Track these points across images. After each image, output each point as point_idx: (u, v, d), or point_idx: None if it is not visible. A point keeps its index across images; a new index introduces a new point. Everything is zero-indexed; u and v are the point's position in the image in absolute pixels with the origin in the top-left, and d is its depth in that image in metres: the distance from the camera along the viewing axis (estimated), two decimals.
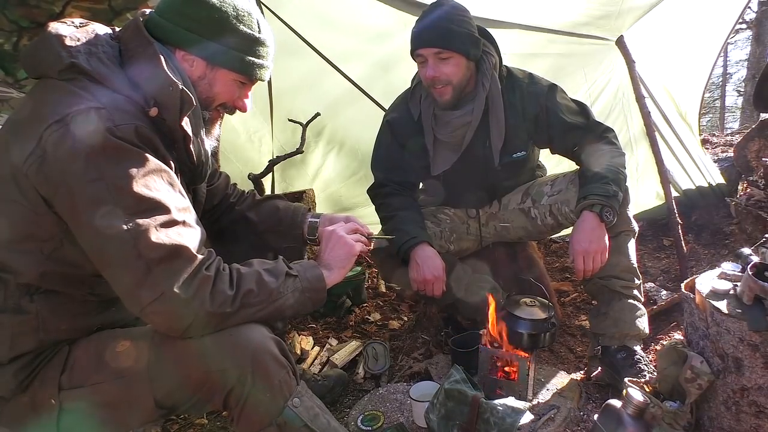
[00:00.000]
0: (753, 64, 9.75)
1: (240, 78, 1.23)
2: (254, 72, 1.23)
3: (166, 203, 1.03)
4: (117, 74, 1.08)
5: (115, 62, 1.10)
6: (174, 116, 1.10)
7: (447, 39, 1.73)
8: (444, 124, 1.91)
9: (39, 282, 1.09)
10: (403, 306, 2.78)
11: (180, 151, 1.17)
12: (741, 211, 2.86)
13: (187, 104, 1.10)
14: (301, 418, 1.15)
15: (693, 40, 3.06)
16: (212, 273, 1.05)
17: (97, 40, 1.11)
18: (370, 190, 2.13)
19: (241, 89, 1.26)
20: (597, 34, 2.54)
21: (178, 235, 1.03)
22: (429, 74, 1.77)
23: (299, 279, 1.19)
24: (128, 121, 1.03)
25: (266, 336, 1.16)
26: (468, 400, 1.45)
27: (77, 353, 1.13)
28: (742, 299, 1.34)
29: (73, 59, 1.04)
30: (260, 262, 1.18)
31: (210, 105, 1.25)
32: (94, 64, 1.06)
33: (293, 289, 1.17)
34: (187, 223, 1.07)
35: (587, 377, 1.91)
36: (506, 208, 2.11)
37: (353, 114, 3.24)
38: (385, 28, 2.72)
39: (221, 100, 1.25)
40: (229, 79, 1.22)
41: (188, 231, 1.06)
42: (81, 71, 1.05)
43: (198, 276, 1.03)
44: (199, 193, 1.40)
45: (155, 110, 1.07)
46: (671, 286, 2.54)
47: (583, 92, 2.81)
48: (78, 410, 1.10)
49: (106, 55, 1.10)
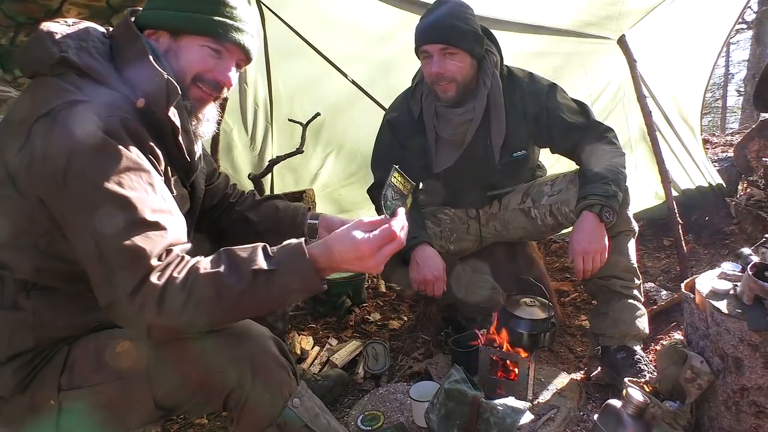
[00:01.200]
0: (753, 64, 9.75)
1: (207, 42, 1.16)
2: (220, 31, 1.16)
3: (138, 204, 0.99)
4: (106, 68, 1.08)
5: (105, 57, 1.10)
6: (161, 107, 1.08)
7: (453, 35, 1.74)
8: (446, 122, 1.91)
9: (35, 278, 1.09)
10: (403, 306, 2.78)
11: (170, 145, 1.15)
12: (741, 211, 2.86)
13: (173, 94, 1.08)
14: (301, 418, 1.15)
15: (694, 40, 3.06)
16: (162, 282, 0.96)
17: (88, 36, 1.11)
18: (370, 190, 2.13)
19: (217, 59, 1.18)
20: (598, 34, 2.54)
21: (143, 239, 0.97)
22: (434, 70, 1.77)
23: (278, 272, 1.01)
24: (114, 113, 1.01)
25: (266, 336, 1.15)
26: (468, 400, 1.45)
27: (77, 353, 1.13)
28: (742, 299, 1.34)
29: (63, 53, 1.04)
30: (230, 256, 1.03)
31: (184, 80, 1.16)
32: (84, 58, 1.06)
33: (267, 287, 1.00)
34: (159, 225, 1.01)
35: (587, 377, 1.91)
36: (506, 208, 2.11)
37: (353, 116, 3.25)
38: (385, 30, 2.73)
39: (193, 71, 1.17)
40: (195, 46, 1.16)
41: (157, 234, 1.00)
42: (71, 65, 1.05)
43: (145, 286, 0.96)
44: (197, 187, 1.38)
45: (142, 101, 1.06)
46: (671, 286, 2.54)
47: (583, 92, 2.81)
48: (77, 411, 1.09)
49: (96, 50, 1.09)
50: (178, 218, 1.09)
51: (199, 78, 1.18)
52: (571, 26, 2.53)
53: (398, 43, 2.71)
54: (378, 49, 2.90)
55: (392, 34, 2.72)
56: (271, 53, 3.11)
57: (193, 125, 1.22)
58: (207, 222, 1.56)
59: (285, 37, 2.92)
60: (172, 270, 0.98)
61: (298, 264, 1.03)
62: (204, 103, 1.22)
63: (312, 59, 2.95)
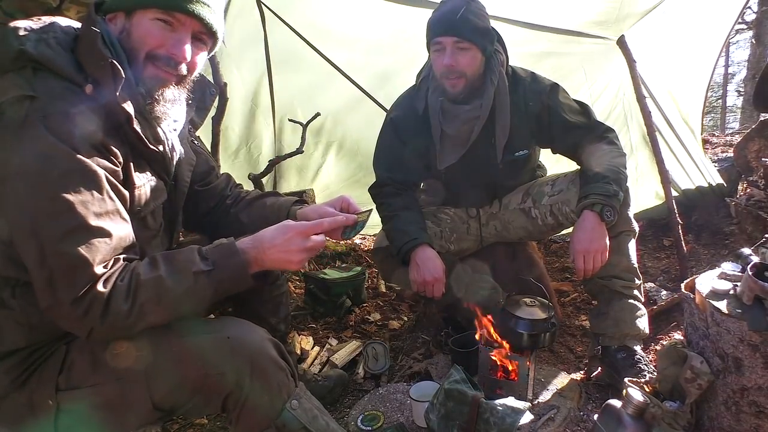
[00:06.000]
0: (753, 65, 9.75)
1: (157, 14, 1.10)
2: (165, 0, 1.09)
3: (81, 209, 0.97)
4: (61, 57, 1.05)
5: (64, 46, 1.07)
6: (110, 93, 1.04)
7: (467, 30, 1.74)
8: (452, 118, 1.90)
9: (14, 273, 1.07)
10: (403, 306, 2.78)
11: (127, 134, 1.10)
12: (741, 211, 2.86)
13: (118, 77, 1.04)
14: (300, 420, 1.15)
15: (694, 40, 3.06)
16: (108, 289, 0.99)
17: (51, 28, 1.09)
18: (372, 188, 2.13)
19: (169, 32, 1.12)
20: (598, 34, 2.54)
21: (86, 246, 0.97)
22: (446, 62, 1.77)
23: (215, 272, 1.07)
24: (62, 108, 0.99)
25: (265, 339, 1.15)
26: (468, 400, 1.45)
27: (75, 354, 1.12)
28: (742, 299, 1.34)
29: (22, 46, 1.02)
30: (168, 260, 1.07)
31: (137, 59, 1.11)
32: (40, 49, 1.04)
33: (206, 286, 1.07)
34: (103, 229, 1.00)
35: (587, 377, 1.91)
36: (507, 207, 2.10)
37: (354, 118, 3.26)
38: (383, 41, 2.77)
39: (144, 47, 1.11)
40: (145, 20, 1.10)
41: (101, 241, 1.00)
42: (29, 58, 1.03)
43: (90, 294, 0.98)
44: (180, 178, 1.34)
45: (90, 87, 1.03)
46: (671, 286, 2.54)
47: (583, 92, 2.81)
48: (75, 411, 1.09)
49: (56, 40, 1.07)
50: (124, 218, 1.07)
51: (151, 55, 1.12)
52: (571, 26, 2.53)
53: (396, 54, 2.75)
54: (376, 58, 2.92)
55: (390, 44, 2.76)
56: (273, 62, 3.13)
57: (153, 110, 1.14)
58: (207, 226, 1.53)
59: (286, 46, 2.94)
60: (117, 277, 1.01)
61: (230, 261, 1.10)
62: (162, 83, 1.14)
63: (312, 66, 2.97)
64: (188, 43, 1.14)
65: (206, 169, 1.51)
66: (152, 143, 1.16)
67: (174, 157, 1.27)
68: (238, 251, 1.11)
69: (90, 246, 0.98)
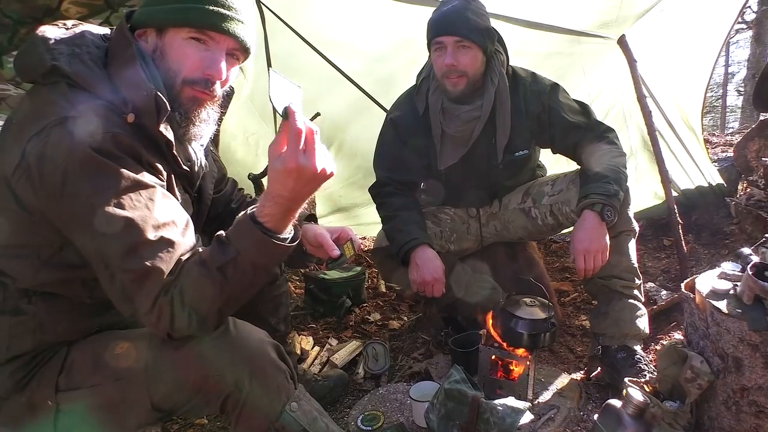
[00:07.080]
0: (753, 64, 9.73)
1: (191, 33, 1.08)
2: (202, 19, 1.07)
3: (140, 222, 0.98)
4: (98, 77, 1.04)
5: (98, 64, 1.06)
6: (152, 122, 1.05)
7: (469, 29, 1.74)
8: (453, 118, 1.90)
9: (37, 286, 1.08)
10: (403, 306, 2.78)
11: (166, 157, 1.12)
12: (741, 211, 2.86)
13: (162, 110, 1.04)
14: (299, 422, 1.15)
15: (694, 40, 3.06)
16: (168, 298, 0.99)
17: (83, 41, 1.08)
18: (372, 188, 2.13)
19: (204, 51, 1.10)
20: (598, 33, 2.54)
21: (150, 257, 0.98)
22: (447, 61, 1.76)
23: (240, 256, 1.01)
24: (106, 129, 0.98)
25: (264, 340, 1.15)
26: (468, 400, 1.45)
27: (75, 354, 1.13)
28: (742, 299, 1.34)
29: (55, 62, 1.02)
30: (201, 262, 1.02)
31: (174, 84, 1.10)
32: (75, 67, 1.03)
33: (241, 271, 1.01)
34: (164, 239, 1.00)
35: (587, 377, 1.91)
36: (507, 207, 2.10)
37: (354, 119, 3.26)
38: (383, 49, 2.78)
39: (182, 72, 1.09)
40: (179, 39, 1.08)
41: (163, 251, 0.99)
42: (62, 74, 1.02)
43: (157, 304, 0.99)
44: (204, 191, 1.36)
45: (132, 116, 1.03)
46: (671, 286, 2.54)
47: (583, 91, 2.80)
48: (75, 412, 1.09)
49: (89, 56, 1.06)
50: (184, 224, 1.07)
51: (189, 80, 1.11)
52: (571, 26, 2.52)
53: (398, 61, 2.75)
54: (377, 65, 2.92)
55: (390, 52, 2.76)
56: (273, 65, 3.12)
57: (188, 132, 1.15)
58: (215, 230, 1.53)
59: (289, 50, 2.94)
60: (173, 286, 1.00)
61: (251, 237, 1.01)
62: (199, 103, 1.14)
63: (313, 71, 2.97)
64: (223, 61, 1.13)
65: (220, 177, 1.53)
66: (184, 162, 1.17)
67: (200, 172, 1.29)
68: (253, 222, 1.02)
69: (154, 255, 0.98)
